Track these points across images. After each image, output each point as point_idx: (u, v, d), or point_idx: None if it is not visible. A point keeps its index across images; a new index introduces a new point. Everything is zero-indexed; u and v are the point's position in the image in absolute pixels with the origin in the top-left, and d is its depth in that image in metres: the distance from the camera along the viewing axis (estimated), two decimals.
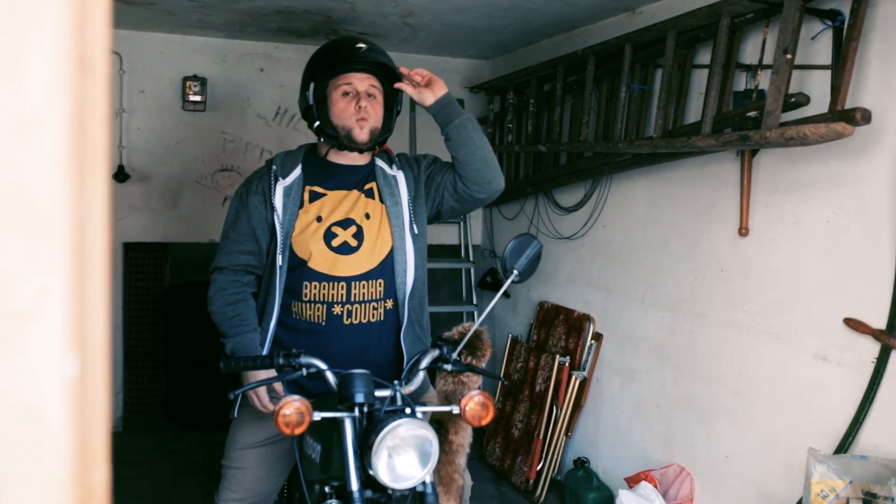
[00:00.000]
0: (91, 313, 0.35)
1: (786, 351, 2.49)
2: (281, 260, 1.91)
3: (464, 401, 1.53)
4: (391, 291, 1.97)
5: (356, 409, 1.48)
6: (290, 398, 1.41)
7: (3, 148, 0.32)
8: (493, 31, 3.76)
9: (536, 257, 1.74)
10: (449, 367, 1.70)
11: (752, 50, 2.61)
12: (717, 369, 2.79)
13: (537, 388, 3.60)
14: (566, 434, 3.51)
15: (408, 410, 1.49)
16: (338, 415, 1.47)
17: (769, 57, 2.42)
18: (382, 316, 1.96)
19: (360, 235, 1.94)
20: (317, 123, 1.96)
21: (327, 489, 1.56)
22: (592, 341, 3.49)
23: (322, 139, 2.01)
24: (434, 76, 1.98)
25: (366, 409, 1.48)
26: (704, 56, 2.83)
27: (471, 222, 4.64)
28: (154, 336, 4.57)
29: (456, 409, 1.53)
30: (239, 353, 1.88)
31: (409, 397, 1.55)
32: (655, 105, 2.87)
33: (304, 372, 1.61)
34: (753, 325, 2.63)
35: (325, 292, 1.91)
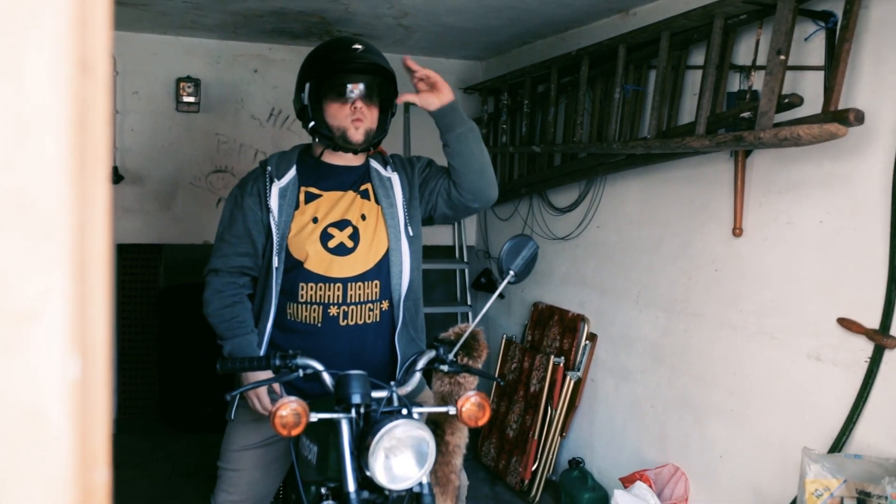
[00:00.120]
0: (92, 314, 0.35)
1: (780, 351, 2.50)
2: (277, 261, 1.90)
3: (460, 402, 1.53)
4: (387, 293, 1.96)
5: (353, 410, 1.47)
6: (287, 399, 1.41)
7: (3, 148, 0.32)
8: (487, 31, 3.76)
9: (533, 258, 1.74)
10: (445, 367, 1.70)
11: (745, 51, 2.62)
12: (711, 369, 2.80)
13: (532, 389, 3.61)
14: (561, 434, 3.51)
15: (404, 411, 1.48)
16: (334, 416, 1.47)
17: (763, 58, 2.43)
18: (378, 317, 1.95)
19: (356, 236, 1.93)
20: (312, 124, 1.95)
21: (324, 490, 1.56)
22: (587, 342, 3.49)
23: (317, 140, 2.00)
24: (442, 81, 1.91)
25: (362, 410, 1.48)
26: (698, 57, 2.84)
27: (465, 223, 4.65)
28: (148, 338, 4.56)
29: (452, 410, 1.53)
30: (237, 355, 1.86)
31: (406, 398, 1.55)
32: (649, 106, 2.87)
33: (300, 373, 1.60)
34: (747, 325, 2.64)
35: (322, 294, 1.91)
